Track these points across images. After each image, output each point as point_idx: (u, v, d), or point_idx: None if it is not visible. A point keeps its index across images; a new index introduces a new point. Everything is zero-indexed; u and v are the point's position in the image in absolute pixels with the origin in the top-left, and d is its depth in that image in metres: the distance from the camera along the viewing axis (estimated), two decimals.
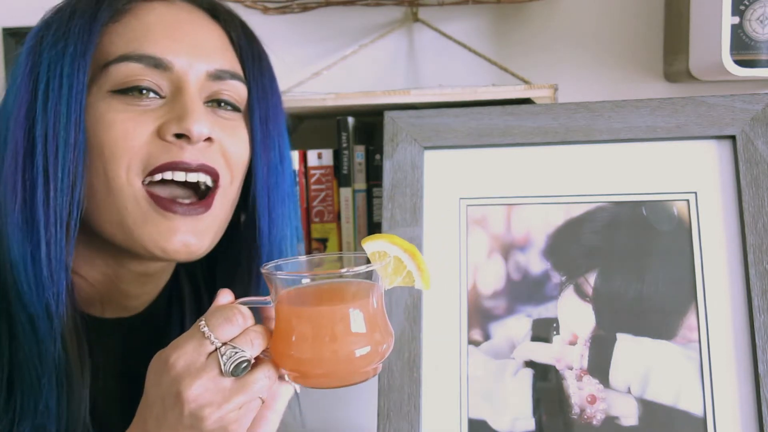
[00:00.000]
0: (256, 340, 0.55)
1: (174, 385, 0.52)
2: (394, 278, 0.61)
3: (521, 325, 0.86)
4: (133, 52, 0.62)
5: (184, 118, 0.61)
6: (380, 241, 0.60)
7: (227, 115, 0.67)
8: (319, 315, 0.56)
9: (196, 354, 0.53)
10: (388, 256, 0.60)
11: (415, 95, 0.95)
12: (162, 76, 0.63)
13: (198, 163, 0.63)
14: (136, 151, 0.61)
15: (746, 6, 0.96)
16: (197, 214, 0.64)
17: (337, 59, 1.09)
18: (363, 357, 0.56)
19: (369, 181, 1.03)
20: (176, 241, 0.63)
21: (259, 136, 0.70)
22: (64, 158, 0.60)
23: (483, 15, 1.14)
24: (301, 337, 0.56)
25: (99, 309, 0.69)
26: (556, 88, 0.95)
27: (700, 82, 1.05)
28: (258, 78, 0.71)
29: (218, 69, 0.66)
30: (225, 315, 0.54)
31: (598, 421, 0.82)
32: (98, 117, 0.61)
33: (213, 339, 0.53)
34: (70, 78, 0.60)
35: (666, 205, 0.86)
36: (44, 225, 0.60)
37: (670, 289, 0.84)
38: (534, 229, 0.88)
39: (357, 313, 0.57)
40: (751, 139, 0.84)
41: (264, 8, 1.11)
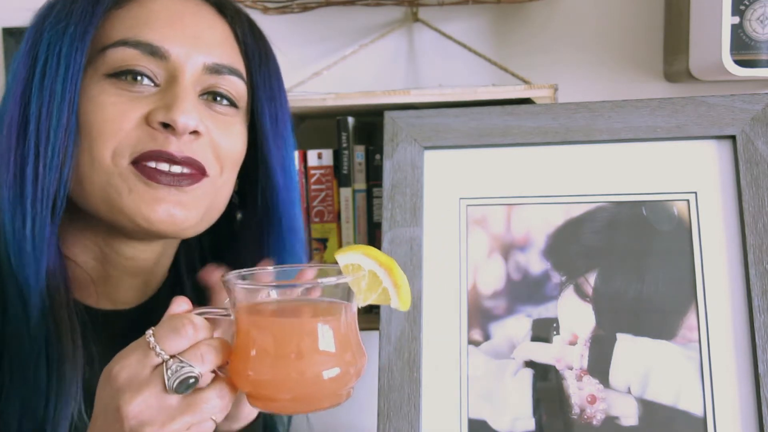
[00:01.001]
0: (208, 355, 0.51)
1: (115, 398, 0.50)
2: (369, 295, 0.55)
3: (521, 325, 0.86)
4: (131, 38, 0.62)
5: (171, 108, 0.61)
6: (354, 253, 0.55)
7: (222, 109, 0.67)
8: (283, 329, 0.51)
9: (140, 366, 0.50)
10: (363, 270, 0.54)
11: (415, 95, 0.95)
12: (158, 64, 0.63)
13: (183, 156, 0.62)
14: (124, 135, 0.61)
15: (746, 6, 0.96)
16: (182, 185, 0.63)
17: (337, 59, 1.09)
18: (332, 380, 0.51)
19: (369, 181, 1.03)
20: (161, 211, 0.62)
21: (270, 136, 0.70)
22: (56, 137, 0.60)
23: (483, 15, 1.14)
24: (263, 354, 0.50)
25: (94, 299, 0.69)
26: (556, 88, 0.95)
27: (700, 82, 1.05)
28: (266, 77, 0.70)
29: (216, 63, 0.65)
30: (173, 325, 0.51)
31: (598, 421, 0.82)
32: (90, 99, 0.62)
33: (159, 351, 0.50)
34: (67, 58, 0.61)
35: (666, 205, 0.86)
36: (31, 201, 0.60)
37: (670, 289, 0.84)
38: (534, 229, 0.88)
39: (326, 330, 0.51)
40: (751, 139, 0.84)
41: (264, 8, 1.11)
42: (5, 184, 0.61)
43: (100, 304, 0.70)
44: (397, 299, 0.55)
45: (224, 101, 0.67)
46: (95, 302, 0.69)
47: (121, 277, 0.70)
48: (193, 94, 0.64)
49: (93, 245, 0.68)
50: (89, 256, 0.68)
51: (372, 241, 1.02)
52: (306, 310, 0.53)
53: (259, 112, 0.70)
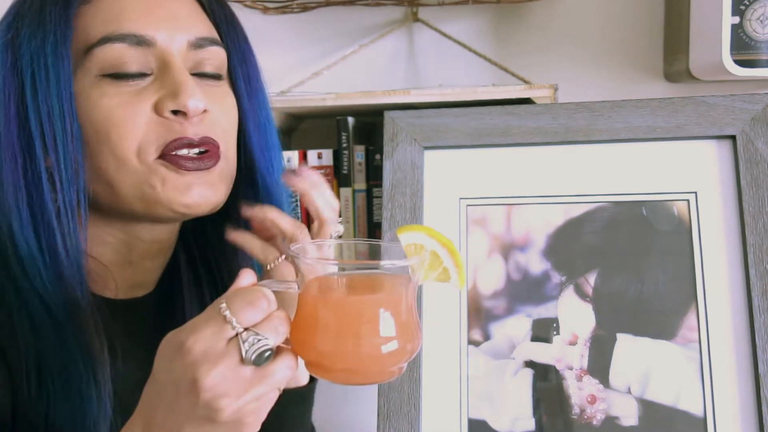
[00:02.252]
0: (281, 326, 0.52)
1: (189, 371, 0.49)
2: (429, 273, 0.57)
3: (521, 325, 0.86)
4: (114, 32, 0.62)
5: (178, 94, 0.62)
6: (418, 232, 0.57)
7: (211, 82, 0.67)
8: (349, 306, 0.53)
9: (215, 339, 0.50)
10: (425, 250, 0.56)
11: (415, 95, 0.95)
12: (146, 52, 0.63)
13: (200, 137, 0.63)
14: (143, 132, 0.62)
15: (746, 6, 0.96)
16: (207, 168, 0.64)
17: (337, 59, 1.09)
18: (390, 354, 0.53)
19: (369, 181, 1.03)
20: (195, 195, 0.64)
21: (245, 98, 0.70)
22: (65, 148, 0.60)
23: (483, 15, 1.14)
24: (326, 327, 0.52)
25: (113, 290, 0.69)
26: (556, 88, 0.95)
27: (700, 82, 1.05)
28: (235, 40, 0.71)
29: (198, 37, 0.66)
30: (249, 298, 0.51)
31: (598, 421, 0.82)
32: (93, 103, 0.61)
33: (235, 324, 0.50)
34: (55, 68, 0.60)
35: (666, 205, 0.86)
36: (56, 216, 0.60)
37: (670, 289, 0.84)
38: (534, 229, 0.88)
39: (389, 308, 0.53)
40: (751, 139, 0.84)
41: (264, 8, 1.11)
42: (19, 206, 0.60)
43: (119, 295, 0.70)
44: (457, 278, 0.58)
45: (211, 73, 0.68)
46: (114, 293, 0.69)
47: (141, 262, 0.71)
48: (188, 74, 0.64)
49: (111, 237, 0.68)
50: (108, 248, 0.68)
51: None
52: (370, 286, 0.55)
53: (233, 75, 0.70)
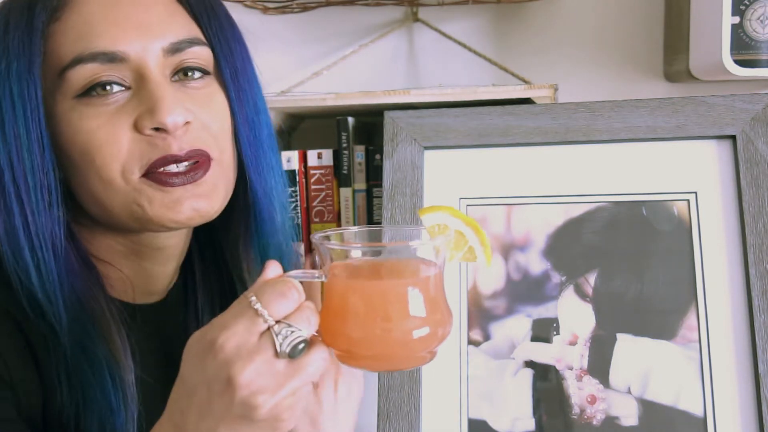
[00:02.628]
0: (312, 317, 0.51)
1: (224, 369, 0.48)
2: (455, 254, 0.56)
3: (521, 325, 0.86)
4: (84, 52, 0.60)
5: (155, 111, 0.59)
6: (441, 212, 0.56)
7: (197, 84, 0.65)
8: (376, 291, 0.52)
9: (248, 334, 0.48)
10: (449, 229, 0.55)
11: (415, 95, 0.95)
12: (120, 67, 0.61)
13: (186, 151, 0.61)
14: (125, 152, 0.60)
15: (746, 6, 0.96)
16: (197, 180, 0.62)
17: (337, 59, 1.09)
18: (421, 339, 0.52)
19: (369, 181, 1.03)
20: (185, 209, 0.62)
21: (233, 93, 0.67)
22: (34, 180, 0.59)
23: (483, 15, 1.14)
24: (355, 314, 0.51)
25: (131, 295, 0.69)
26: (556, 88, 0.95)
27: (700, 82, 1.05)
28: (218, 33, 0.67)
29: (173, 42, 0.63)
30: (279, 290, 0.50)
31: (598, 421, 0.82)
32: (74, 127, 0.60)
33: (267, 317, 0.49)
34: (21, 97, 0.58)
35: (666, 205, 0.86)
36: (29, 250, 0.59)
37: (670, 289, 0.84)
38: (534, 229, 0.88)
39: (417, 291, 0.52)
40: (751, 139, 0.84)
41: (264, 8, 1.11)
42: (2, 239, 0.60)
43: (138, 299, 0.70)
44: (483, 256, 0.57)
45: (195, 74, 0.65)
46: (132, 298, 0.69)
47: (153, 267, 0.70)
48: (166, 83, 0.62)
49: (120, 246, 0.68)
50: (119, 255, 0.68)
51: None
52: (397, 270, 0.54)
53: (220, 72, 0.67)
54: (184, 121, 0.61)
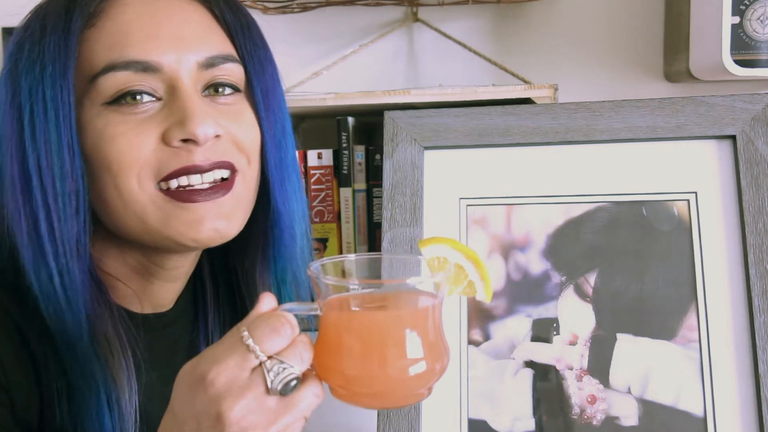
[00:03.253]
0: (305, 353, 0.50)
1: (213, 405, 0.47)
2: (454, 288, 0.55)
3: (521, 325, 0.86)
4: (118, 60, 0.59)
5: (186, 122, 0.59)
6: (441, 245, 0.55)
7: (228, 99, 0.64)
8: (373, 328, 0.51)
9: (239, 369, 0.48)
10: (449, 263, 0.54)
11: (415, 95, 0.95)
12: (153, 77, 0.60)
13: (210, 163, 0.61)
14: (145, 161, 0.59)
15: (746, 6, 0.96)
16: (219, 197, 0.61)
17: (337, 59, 1.09)
18: (418, 377, 0.51)
19: (369, 181, 1.03)
20: (206, 229, 0.61)
21: (262, 112, 0.67)
22: (63, 186, 0.58)
23: (483, 15, 1.14)
24: (351, 350, 0.50)
25: (138, 306, 0.69)
26: (556, 88, 0.95)
27: (700, 82, 1.05)
28: (252, 51, 0.67)
29: (208, 57, 0.62)
30: (272, 325, 0.49)
31: (598, 421, 0.82)
32: (98, 133, 0.59)
33: (258, 352, 0.48)
34: (54, 101, 0.58)
35: (666, 205, 0.86)
36: (54, 257, 0.58)
37: (670, 289, 0.84)
38: (534, 229, 0.88)
39: (415, 327, 0.51)
40: (751, 139, 0.84)
41: (264, 8, 1.11)
42: (22, 244, 0.59)
43: (144, 309, 0.69)
44: (483, 291, 0.56)
45: (227, 90, 0.64)
46: (139, 308, 0.69)
47: (163, 284, 0.70)
48: (198, 97, 0.62)
49: (133, 260, 0.67)
50: (129, 269, 0.67)
51: (372, 241, 1.02)
52: (395, 307, 0.53)
53: (250, 90, 0.67)
54: (214, 133, 0.60)
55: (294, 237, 0.71)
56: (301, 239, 0.72)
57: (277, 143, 0.68)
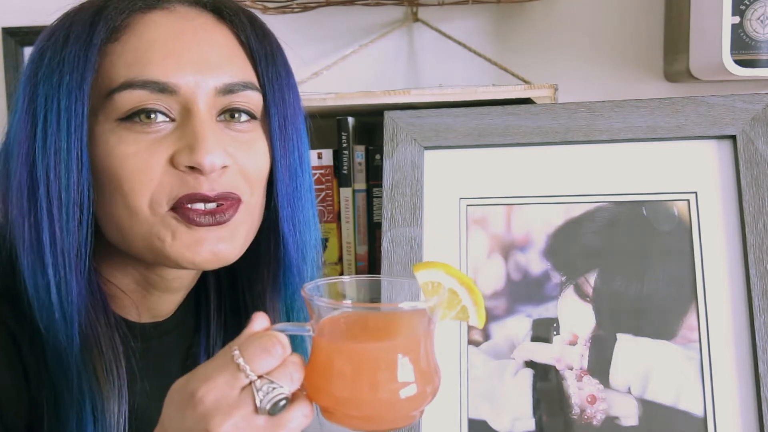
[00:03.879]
0: (296, 373, 0.50)
1: (202, 422, 0.48)
2: (447, 312, 0.55)
3: (521, 325, 0.86)
4: (136, 78, 0.59)
5: (195, 149, 0.58)
6: (435, 270, 0.55)
7: (242, 127, 0.64)
8: (366, 351, 0.51)
9: (228, 388, 0.48)
10: (443, 288, 0.54)
11: (415, 95, 0.95)
12: (169, 99, 0.59)
13: (216, 194, 0.60)
14: (156, 183, 0.59)
15: (746, 6, 0.96)
16: (222, 222, 0.61)
17: (337, 59, 1.09)
18: (409, 400, 0.51)
19: (369, 181, 1.03)
20: (205, 252, 0.61)
21: (278, 142, 0.66)
22: (68, 197, 0.58)
23: (483, 15, 1.14)
24: (342, 373, 0.50)
25: (136, 315, 0.68)
26: (556, 88, 0.95)
27: (701, 82, 1.05)
28: (273, 79, 0.66)
29: (227, 83, 0.62)
30: (263, 345, 0.49)
31: (598, 421, 0.82)
32: (110, 150, 0.59)
33: (248, 372, 0.48)
34: (68, 111, 0.57)
35: (666, 205, 0.86)
36: (53, 266, 0.58)
37: (670, 289, 0.84)
38: (534, 229, 0.88)
39: (407, 352, 0.51)
40: (751, 139, 0.84)
41: (264, 8, 1.11)
42: (22, 250, 0.59)
43: (143, 318, 0.69)
44: (476, 317, 0.56)
45: (243, 116, 0.64)
46: (137, 317, 0.69)
47: (162, 295, 0.70)
48: (212, 122, 0.61)
49: (134, 271, 0.67)
50: (130, 279, 0.67)
51: (372, 241, 1.02)
52: (387, 328, 0.52)
53: (268, 115, 0.66)
54: (222, 164, 0.60)
55: (304, 267, 0.71)
56: (311, 268, 0.72)
57: (292, 173, 0.68)
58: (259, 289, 0.73)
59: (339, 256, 1.03)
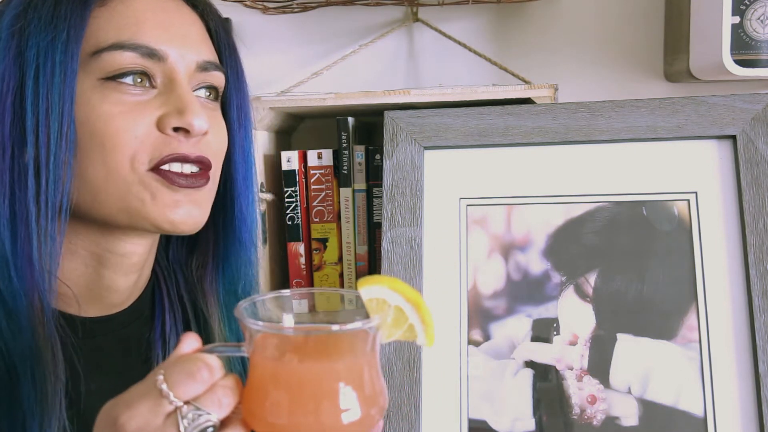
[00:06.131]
0: (225, 398, 0.47)
1: None
2: (394, 331, 0.52)
3: (521, 325, 0.86)
4: (128, 41, 0.61)
5: (184, 113, 0.61)
6: (380, 286, 0.52)
7: (210, 105, 0.68)
8: (303, 376, 0.47)
9: (152, 415, 0.46)
10: (388, 306, 0.51)
11: (415, 95, 0.95)
12: (154, 66, 0.62)
13: (196, 156, 0.63)
14: (138, 143, 0.61)
15: (747, 6, 0.96)
16: (198, 186, 0.64)
17: (337, 59, 1.09)
18: (352, 425, 0.48)
19: (369, 181, 1.03)
20: (181, 212, 0.63)
21: (236, 126, 0.71)
22: (57, 149, 0.59)
23: (483, 15, 1.14)
24: (280, 398, 0.47)
25: (76, 308, 0.67)
26: (556, 88, 0.95)
27: (701, 82, 1.05)
28: (234, 68, 0.71)
29: (205, 60, 0.66)
30: (187, 369, 0.47)
31: (599, 421, 0.82)
32: (93, 107, 0.60)
33: (172, 398, 0.46)
34: (63, 65, 0.59)
35: (666, 205, 0.86)
36: (35, 218, 0.59)
37: (670, 289, 0.84)
38: (534, 229, 0.88)
39: (349, 375, 0.48)
40: (751, 139, 0.84)
41: (264, 8, 1.11)
42: (3, 202, 0.59)
43: (84, 312, 0.68)
44: (424, 336, 0.53)
45: (211, 96, 0.68)
46: (77, 311, 0.67)
47: (113, 277, 0.68)
48: (192, 94, 0.64)
49: (82, 249, 0.66)
50: (77, 260, 0.66)
51: (372, 240, 1.02)
52: (327, 350, 0.49)
53: (227, 102, 0.71)
54: (206, 128, 0.63)
55: (245, 247, 0.74)
56: (250, 250, 0.75)
57: (245, 157, 0.72)
58: (200, 270, 0.75)
59: (339, 256, 1.04)
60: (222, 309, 0.75)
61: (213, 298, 0.75)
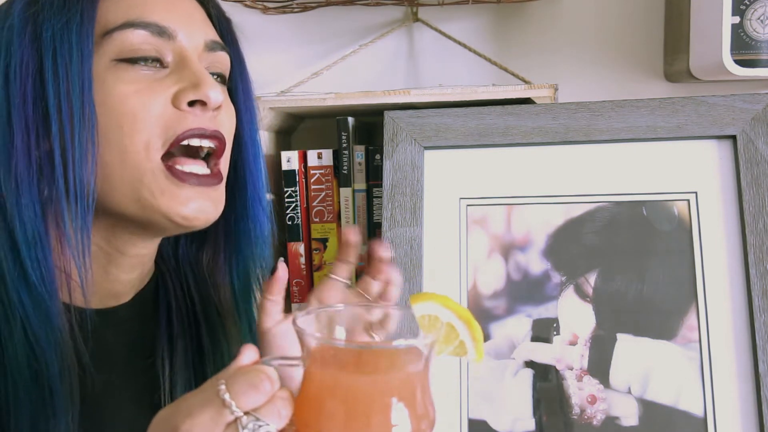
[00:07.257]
0: (284, 410, 0.48)
1: None
2: (444, 347, 0.54)
3: (521, 325, 0.86)
4: (138, 19, 0.61)
5: (199, 85, 0.62)
6: (432, 303, 0.53)
7: (220, 86, 0.68)
8: (358, 391, 0.49)
9: (213, 424, 0.46)
10: (440, 322, 0.53)
11: (415, 95, 0.95)
12: (165, 44, 0.63)
13: (212, 129, 0.64)
14: (154, 123, 0.61)
15: (747, 6, 0.96)
16: (209, 185, 0.64)
17: (337, 59, 1.09)
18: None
19: (369, 181, 1.03)
20: (194, 207, 0.63)
21: (243, 108, 0.71)
22: (81, 128, 0.59)
23: (483, 15, 1.14)
24: (335, 410, 0.48)
25: (81, 300, 0.66)
26: (556, 88, 0.95)
27: (701, 82, 1.05)
28: (237, 54, 0.72)
29: (212, 40, 0.67)
30: (251, 380, 0.48)
31: (599, 421, 0.82)
32: (107, 88, 0.61)
33: (234, 408, 0.46)
34: (79, 46, 0.59)
35: (666, 205, 0.86)
36: (65, 197, 0.59)
37: (670, 289, 0.84)
38: (534, 229, 0.88)
39: (402, 391, 0.49)
40: (751, 139, 0.84)
41: (264, 8, 1.11)
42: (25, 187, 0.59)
43: (90, 304, 0.67)
44: (474, 352, 0.54)
45: (218, 78, 0.68)
46: (82, 303, 0.66)
47: (118, 274, 0.69)
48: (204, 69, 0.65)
49: (94, 246, 0.66)
50: None
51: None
52: (381, 365, 0.50)
53: (233, 87, 0.71)
54: (221, 99, 0.63)
55: (259, 234, 0.74)
56: (263, 236, 0.75)
57: (252, 140, 0.72)
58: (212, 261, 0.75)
59: None
60: (237, 300, 0.75)
61: (226, 290, 0.75)
